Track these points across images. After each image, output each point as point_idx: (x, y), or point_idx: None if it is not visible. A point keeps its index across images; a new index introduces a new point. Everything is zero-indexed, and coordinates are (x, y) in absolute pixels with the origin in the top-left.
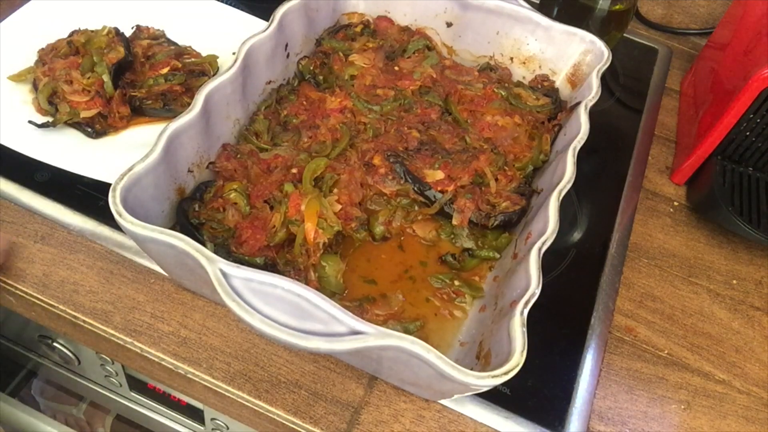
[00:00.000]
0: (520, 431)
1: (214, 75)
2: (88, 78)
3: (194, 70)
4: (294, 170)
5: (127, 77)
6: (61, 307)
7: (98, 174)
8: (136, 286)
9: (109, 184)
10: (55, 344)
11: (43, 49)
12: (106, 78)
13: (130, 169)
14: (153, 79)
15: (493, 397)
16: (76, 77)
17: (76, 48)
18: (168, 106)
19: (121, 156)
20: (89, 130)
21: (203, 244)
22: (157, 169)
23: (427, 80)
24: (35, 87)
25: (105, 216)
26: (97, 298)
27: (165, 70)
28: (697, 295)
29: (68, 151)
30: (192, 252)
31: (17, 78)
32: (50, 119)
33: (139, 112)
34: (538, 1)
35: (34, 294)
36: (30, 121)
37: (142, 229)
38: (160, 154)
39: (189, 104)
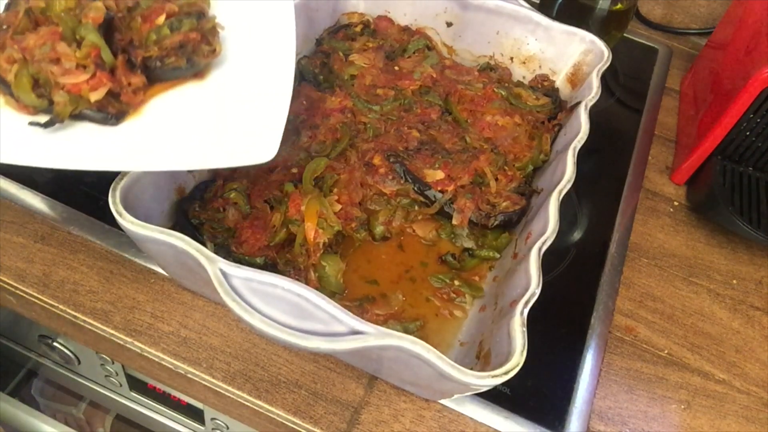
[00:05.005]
0: (520, 431)
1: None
2: (79, 50)
3: (190, 12)
4: (294, 170)
5: (117, 39)
6: (61, 307)
7: (147, 164)
8: (136, 286)
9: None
10: (55, 344)
11: None
12: (101, 44)
13: None
14: (154, 33)
15: (493, 396)
16: (65, 51)
17: (35, 18)
18: (190, 60)
19: (162, 135)
20: (105, 116)
21: (203, 244)
22: None
23: (427, 80)
24: (1, 82)
25: (105, 216)
26: (97, 298)
27: (162, 19)
28: (697, 295)
29: (91, 148)
30: (192, 252)
31: None
32: (49, 117)
33: (153, 78)
34: (538, 1)
35: (34, 294)
36: (32, 123)
37: (142, 229)
38: None
39: (212, 53)
